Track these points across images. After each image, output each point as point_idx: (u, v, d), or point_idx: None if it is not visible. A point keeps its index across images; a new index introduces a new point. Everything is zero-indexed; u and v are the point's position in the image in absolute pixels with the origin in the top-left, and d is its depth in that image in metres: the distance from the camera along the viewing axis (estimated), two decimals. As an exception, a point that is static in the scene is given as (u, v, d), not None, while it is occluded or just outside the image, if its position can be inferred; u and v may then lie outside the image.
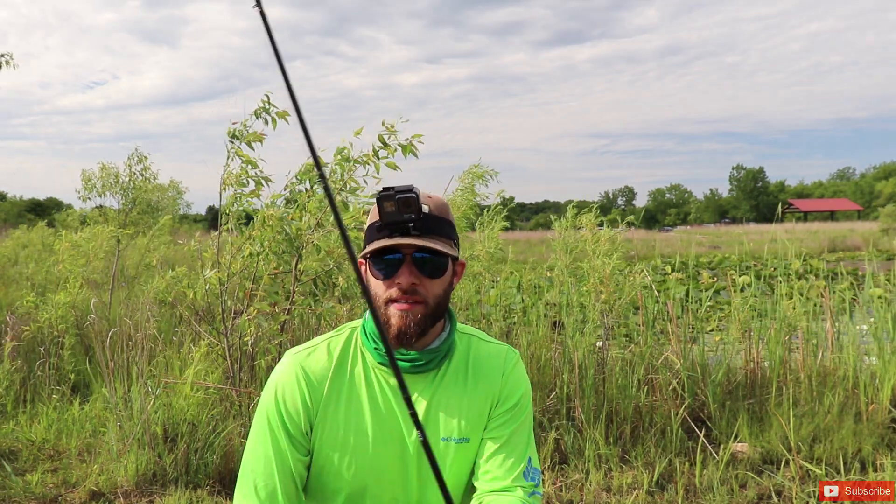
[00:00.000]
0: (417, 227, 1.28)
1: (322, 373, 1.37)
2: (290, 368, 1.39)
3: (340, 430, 1.35)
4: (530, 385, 1.51)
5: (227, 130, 4.03)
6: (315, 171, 4.06)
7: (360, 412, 1.36)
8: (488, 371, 1.44)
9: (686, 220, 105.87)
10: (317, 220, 4.00)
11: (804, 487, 3.58)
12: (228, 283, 4.19)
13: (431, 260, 1.30)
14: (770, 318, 4.92)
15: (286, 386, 1.37)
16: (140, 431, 3.83)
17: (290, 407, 1.35)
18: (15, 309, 5.93)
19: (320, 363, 1.38)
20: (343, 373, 1.38)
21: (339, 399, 1.37)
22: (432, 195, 1.37)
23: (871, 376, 4.33)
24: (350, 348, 1.41)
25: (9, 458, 4.11)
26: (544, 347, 4.66)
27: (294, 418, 1.35)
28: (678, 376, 4.40)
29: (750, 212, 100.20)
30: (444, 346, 1.39)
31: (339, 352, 1.40)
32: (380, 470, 1.36)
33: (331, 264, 4.07)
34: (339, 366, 1.39)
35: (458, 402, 1.39)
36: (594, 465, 3.84)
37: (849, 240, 31.20)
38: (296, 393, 1.36)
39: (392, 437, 1.36)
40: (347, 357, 1.40)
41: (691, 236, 40.18)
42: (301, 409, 1.35)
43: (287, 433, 1.34)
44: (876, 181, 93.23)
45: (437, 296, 1.33)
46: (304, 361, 1.39)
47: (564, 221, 5.90)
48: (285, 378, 1.38)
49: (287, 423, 1.35)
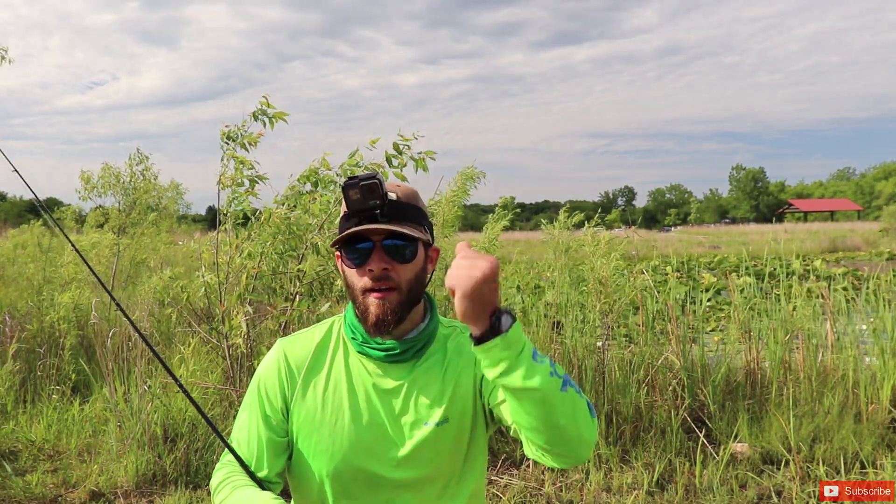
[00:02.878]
0: (385, 214, 1.30)
1: (301, 359, 1.43)
2: (273, 353, 1.47)
3: (317, 413, 1.39)
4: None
5: (220, 132, 4.04)
6: (319, 174, 4.07)
7: (338, 397, 1.40)
8: (469, 353, 1.40)
9: (686, 221, 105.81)
10: (320, 223, 4.00)
11: (804, 487, 3.58)
12: (227, 283, 4.19)
13: (401, 245, 1.32)
14: (770, 319, 4.92)
15: (267, 369, 1.45)
16: (140, 432, 3.83)
17: (269, 390, 1.42)
18: (16, 309, 5.92)
19: (301, 349, 1.45)
20: (322, 359, 1.44)
21: (317, 384, 1.41)
22: (400, 184, 1.40)
23: (871, 376, 4.33)
24: (332, 336, 1.46)
25: (9, 459, 4.11)
26: (544, 348, 4.66)
27: (272, 400, 1.41)
28: (678, 376, 4.40)
29: (750, 212, 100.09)
30: (423, 336, 1.40)
31: (320, 339, 1.46)
32: (359, 452, 1.38)
33: (330, 267, 4.06)
34: (318, 352, 1.44)
35: (438, 387, 1.39)
36: (594, 466, 3.84)
37: (849, 240, 31.18)
38: (274, 377, 1.42)
39: (371, 421, 1.38)
40: (328, 345, 1.45)
41: (691, 236, 40.21)
42: (278, 392, 1.41)
43: (264, 414, 1.41)
44: (876, 181, 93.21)
45: (409, 280, 1.33)
46: (287, 347, 1.46)
47: (557, 224, 5.91)
48: (268, 362, 1.46)
49: (265, 405, 1.41)
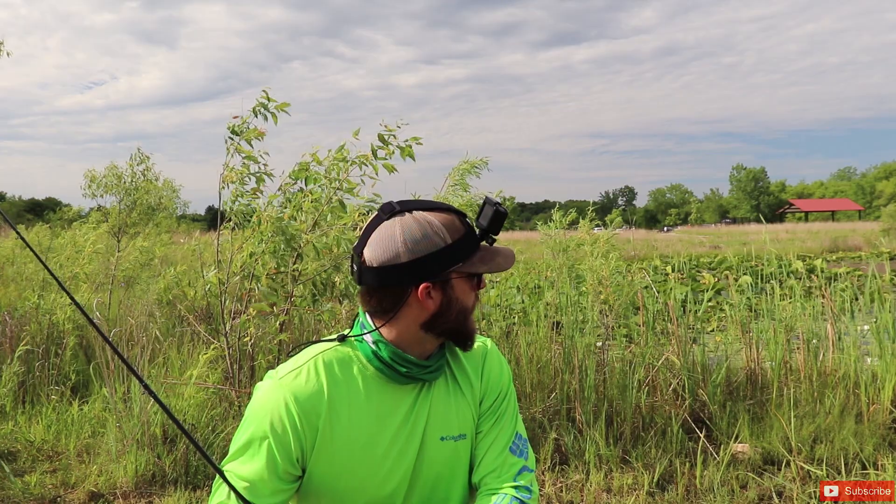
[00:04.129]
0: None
1: (316, 397, 1.29)
2: (277, 395, 1.29)
3: (348, 452, 1.31)
4: (508, 367, 1.55)
5: (227, 125, 4.00)
6: (310, 170, 4.04)
7: (367, 433, 1.33)
8: (471, 370, 1.48)
9: (687, 221, 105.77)
10: (314, 220, 3.98)
11: (805, 488, 3.57)
12: (228, 283, 4.18)
13: None
14: (770, 319, 4.91)
15: (276, 421, 1.27)
16: (139, 432, 3.82)
17: (283, 445, 1.27)
18: (15, 309, 5.91)
19: (310, 387, 1.30)
20: (340, 395, 1.32)
21: (340, 423, 1.31)
22: None
23: (872, 377, 4.32)
24: (335, 369, 1.34)
25: (8, 459, 4.10)
26: (545, 348, 4.65)
27: (289, 455, 1.28)
28: (678, 377, 4.39)
29: (751, 212, 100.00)
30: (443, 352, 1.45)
31: (325, 373, 1.33)
32: (384, 478, 1.36)
33: (327, 265, 4.04)
34: (331, 387, 1.32)
35: (449, 402, 1.42)
36: (594, 466, 3.83)
37: (850, 240, 31.17)
38: (287, 431, 1.27)
39: (400, 448, 1.36)
40: (337, 379, 1.33)
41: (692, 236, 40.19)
42: (292, 438, 1.27)
43: (277, 470, 1.27)
44: (877, 181, 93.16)
45: None
46: (291, 386, 1.29)
47: (553, 224, 5.90)
48: (273, 405, 1.28)
49: (278, 462, 1.27)
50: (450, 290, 1.33)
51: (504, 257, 1.36)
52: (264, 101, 3.95)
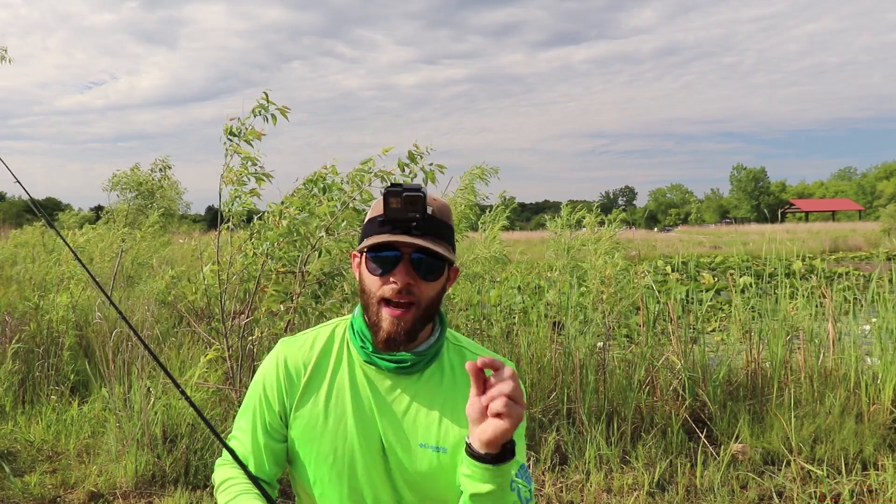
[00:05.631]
0: (419, 227, 1.27)
1: (302, 364, 1.40)
2: (273, 356, 1.43)
3: (319, 421, 1.36)
4: (523, 393, 1.48)
5: (224, 127, 3.99)
6: (326, 179, 4.07)
7: (341, 407, 1.36)
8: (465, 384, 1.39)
9: (687, 220, 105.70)
10: (327, 225, 3.99)
11: (805, 488, 3.57)
12: (228, 283, 4.17)
13: (429, 261, 1.29)
14: (771, 319, 4.90)
15: (267, 374, 1.42)
16: (139, 432, 3.82)
17: (269, 396, 1.40)
18: (14, 309, 5.91)
19: (303, 354, 1.41)
20: (324, 366, 1.40)
21: (319, 392, 1.38)
22: (437, 198, 1.35)
23: (873, 377, 4.32)
24: (335, 342, 1.42)
25: (7, 459, 4.10)
26: (545, 348, 4.65)
27: (272, 406, 1.39)
28: (679, 377, 4.38)
29: (751, 212, 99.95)
30: (431, 351, 1.38)
31: (323, 343, 1.42)
32: (362, 465, 1.35)
33: (335, 265, 4.05)
34: (321, 358, 1.40)
35: (440, 409, 1.36)
36: (595, 466, 3.83)
37: (850, 240, 31.16)
38: (273, 383, 1.40)
39: (370, 436, 1.35)
40: (331, 350, 1.41)
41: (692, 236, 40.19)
42: (277, 399, 1.39)
43: (264, 420, 1.39)
44: (878, 181, 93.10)
45: (430, 298, 1.32)
46: (288, 351, 1.42)
47: (560, 220, 5.88)
48: (268, 365, 1.43)
49: (265, 412, 1.39)
50: (361, 266, 1.35)
51: (383, 239, 1.26)
52: (264, 102, 3.95)
